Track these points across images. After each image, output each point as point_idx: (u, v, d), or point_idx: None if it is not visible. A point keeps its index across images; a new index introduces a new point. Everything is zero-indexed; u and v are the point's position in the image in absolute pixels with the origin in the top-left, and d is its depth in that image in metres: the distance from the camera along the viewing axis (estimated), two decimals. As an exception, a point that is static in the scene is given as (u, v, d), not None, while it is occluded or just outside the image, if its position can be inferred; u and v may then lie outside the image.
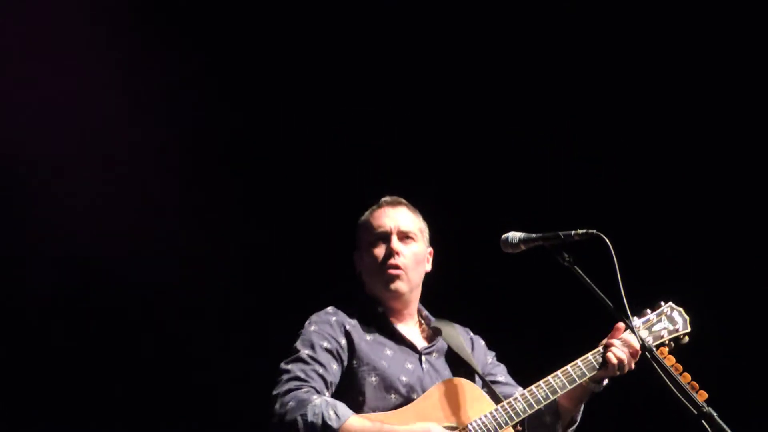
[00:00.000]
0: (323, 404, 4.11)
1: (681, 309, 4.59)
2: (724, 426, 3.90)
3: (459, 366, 4.49)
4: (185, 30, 6.49)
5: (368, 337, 4.38)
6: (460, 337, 4.56)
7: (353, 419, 4.12)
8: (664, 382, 3.98)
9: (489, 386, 4.44)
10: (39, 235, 6.27)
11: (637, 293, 4.05)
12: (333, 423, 4.08)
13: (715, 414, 3.92)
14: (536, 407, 4.33)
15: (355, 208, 4.69)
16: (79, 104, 6.26)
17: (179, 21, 6.49)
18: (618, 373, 4.40)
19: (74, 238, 6.24)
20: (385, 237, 4.50)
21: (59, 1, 6.23)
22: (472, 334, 4.64)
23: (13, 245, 6.27)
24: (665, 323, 4.55)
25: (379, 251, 4.49)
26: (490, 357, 4.62)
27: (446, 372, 4.45)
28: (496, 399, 4.38)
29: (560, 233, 4.17)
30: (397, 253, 4.46)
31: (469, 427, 4.27)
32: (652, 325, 4.54)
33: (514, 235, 4.28)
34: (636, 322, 4.49)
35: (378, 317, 4.45)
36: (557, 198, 6.65)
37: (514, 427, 4.33)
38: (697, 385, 4.04)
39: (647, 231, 6.51)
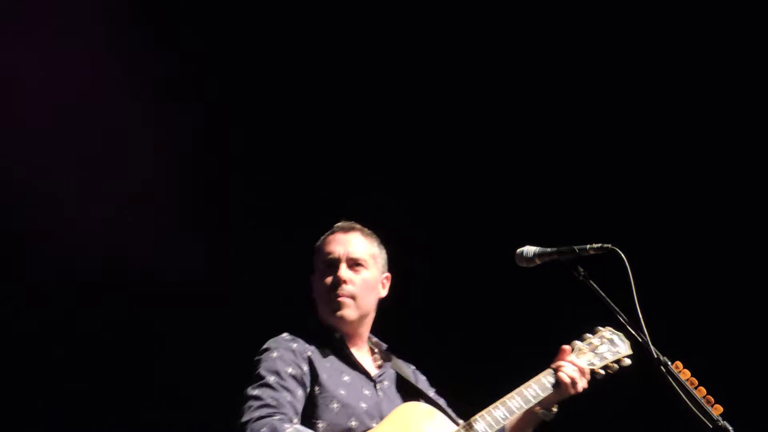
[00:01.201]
0: None
1: (620, 334, 4.62)
2: (740, 440, 3.94)
3: (409, 394, 4.48)
4: (186, 29, 6.48)
5: (327, 363, 4.33)
6: (404, 368, 4.56)
7: None
8: (679, 396, 3.98)
9: (443, 411, 4.42)
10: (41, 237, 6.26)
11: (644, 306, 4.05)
12: None
13: (730, 428, 3.94)
14: (496, 427, 4.30)
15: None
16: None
17: (183, 21, 6.47)
18: (571, 392, 4.42)
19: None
20: (335, 264, 4.45)
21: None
22: (413, 367, 4.62)
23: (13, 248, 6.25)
24: (608, 346, 4.59)
25: (328, 278, 4.43)
26: (432, 392, 4.59)
27: (398, 400, 4.43)
28: (454, 421, 4.37)
29: (575, 247, 4.17)
30: (345, 282, 4.41)
31: None
32: (596, 347, 4.58)
33: (529, 250, 4.27)
34: (579, 344, 4.54)
35: (335, 343, 4.39)
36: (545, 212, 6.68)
37: None
38: (713, 399, 4.03)
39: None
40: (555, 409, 4.48)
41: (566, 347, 4.47)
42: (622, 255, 4.03)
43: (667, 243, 6.62)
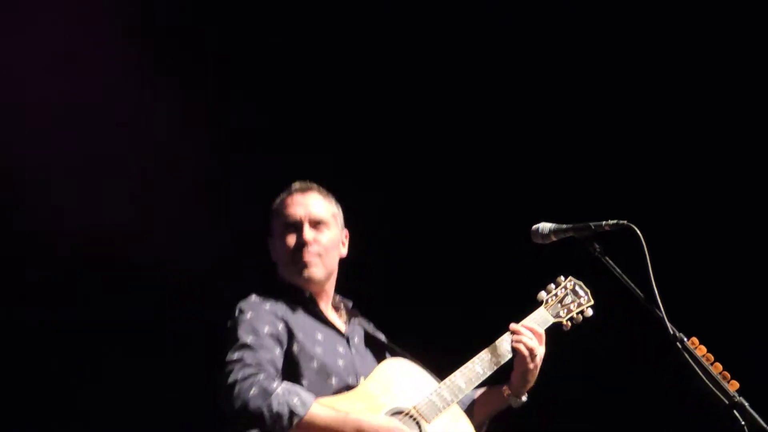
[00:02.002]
0: (285, 392, 4.00)
1: (581, 282, 4.67)
2: (756, 416, 3.93)
3: (378, 349, 4.49)
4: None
5: (300, 322, 4.30)
6: (366, 324, 4.57)
7: (316, 406, 4.04)
8: (695, 373, 3.99)
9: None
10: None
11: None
12: (299, 410, 3.99)
13: (746, 404, 3.94)
14: (475, 383, 4.36)
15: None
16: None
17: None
18: (529, 364, 4.42)
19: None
20: (297, 226, 4.43)
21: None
22: (373, 325, 4.62)
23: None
24: (572, 297, 4.63)
25: (291, 240, 4.41)
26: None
27: (369, 356, 4.44)
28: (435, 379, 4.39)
29: (591, 224, 4.17)
30: (310, 243, 4.40)
31: (419, 406, 4.25)
32: (562, 299, 4.61)
33: (545, 226, 4.28)
34: (544, 296, 4.59)
35: (305, 301, 4.36)
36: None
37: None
38: (729, 375, 4.01)
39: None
40: (524, 398, 4.51)
41: (514, 325, 4.48)
42: (638, 232, 4.03)
43: (682, 219, 6.60)
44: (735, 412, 3.92)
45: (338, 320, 4.47)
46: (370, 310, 4.64)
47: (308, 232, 4.40)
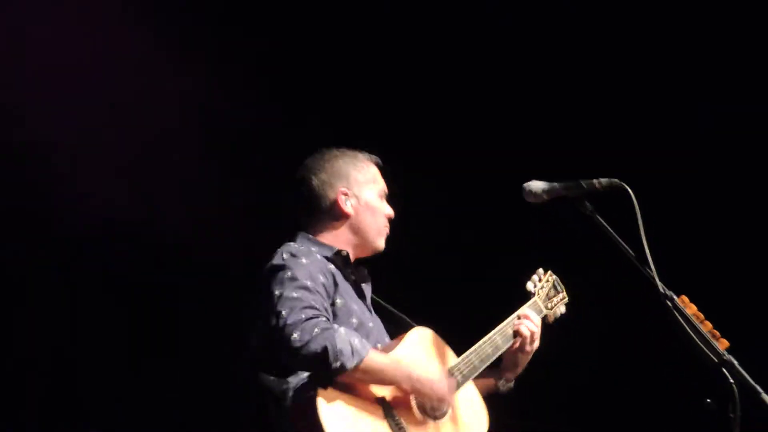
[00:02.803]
0: (345, 333, 3.96)
1: (557, 277, 4.78)
2: (745, 374, 3.93)
3: (383, 315, 4.49)
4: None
5: (341, 279, 4.27)
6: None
7: (373, 351, 4.04)
8: (685, 331, 3.99)
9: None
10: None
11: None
12: (361, 351, 3.95)
13: (736, 362, 3.94)
14: (486, 363, 4.41)
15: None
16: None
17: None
18: (527, 348, 4.50)
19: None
20: (385, 196, 4.48)
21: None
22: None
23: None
24: (554, 291, 4.74)
25: (389, 210, 4.47)
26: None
27: (377, 320, 4.42)
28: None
29: (582, 182, 4.16)
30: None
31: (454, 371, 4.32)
32: (547, 292, 4.70)
33: (537, 185, 4.25)
34: (532, 287, 4.66)
35: (339, 261, 4.31)
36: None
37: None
38: (718, 334, 4.02)
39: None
40: (512, 384, 4.57)
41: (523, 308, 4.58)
42: (630, 190, 4.03)
43: (674, 179, 6.64)
44: (724, 370, 3.92)
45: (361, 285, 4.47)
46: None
47: None
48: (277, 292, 4.01)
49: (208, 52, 6.44)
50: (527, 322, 4.53)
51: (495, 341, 4.47)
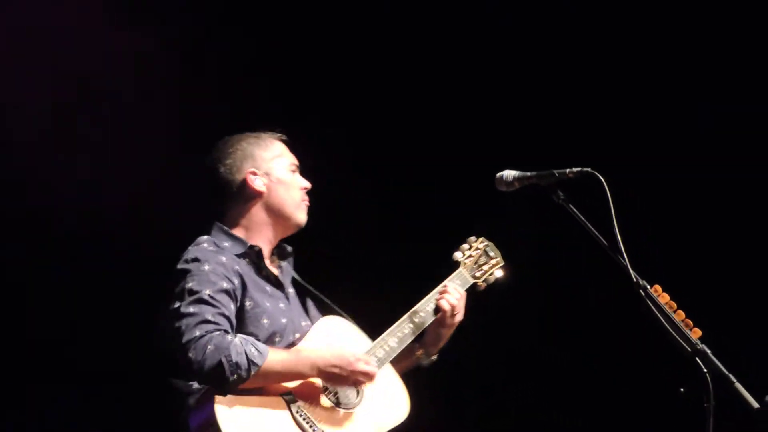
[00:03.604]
0: (242, 342, 3.95)
1: (492, 243, 4.76)
2: (718, 363, 3.93)
3: (306, 298, 4.44)
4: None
5: (252, 278, 4.23)
6: (290, 264, 4.50)
7: (272, 353, 4.01)
8: (658, 320, 3.98)
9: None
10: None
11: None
12: (257, 359, 3.93)
13: (709, 351, 3.94)
14: (404, 343, 4.38)
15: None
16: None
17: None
18: (448, 321, 4.50)
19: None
20: (297, 171, 4.43)
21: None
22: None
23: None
24: (485, 257, 4.71)
25: (302, 181, 4.41)
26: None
27: (298, 306, 4.38)
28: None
29: (555, 171, 4.14)
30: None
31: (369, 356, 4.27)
32: (477, 259, 4.68)
33: (509, 174, 4.25)
34: (460, 256, 4.65)
35: (253, 255, 4.27)
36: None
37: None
38: (691, 323, 4.01)
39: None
40: (435, 357, 4.56)
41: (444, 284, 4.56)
42: (602, 179, 4.02)
43: (646, 168, 6.63)
44: (698, 359, 3.91)
45: (276, 270, 4.39)
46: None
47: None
48: (175, 306, 4.01)
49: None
50: (448, 296, 4.49)
51: (414, 319, 4.44)
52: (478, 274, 4.69)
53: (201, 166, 4.41)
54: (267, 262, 4.32)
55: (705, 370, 3.88)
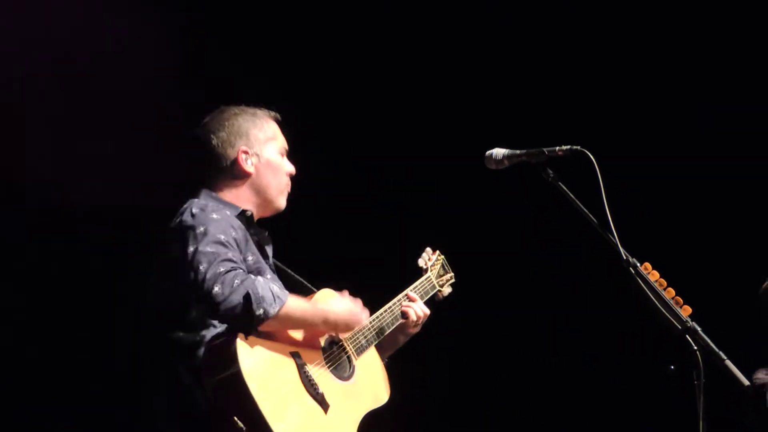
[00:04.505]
0: (265, 281, 3.94)
1: (444, 257, 4.84)
2: (708, 340, 3.93)
3: (285, 280, 4.40)
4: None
5: (247, 236, 4.19)
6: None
7: (292, 298, 4.00)
8: (648, 298, 3.98)
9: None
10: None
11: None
12: (282, 296, 3.93)
13: (699, 329, 3.94)
14: (375, 341, 4.40)
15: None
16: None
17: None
18: (410, 330, 4.55)
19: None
20: (285, 153, 4.41)
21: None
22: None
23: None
24: (442, 270, 4.79)
25: (289, 167, 4.39)
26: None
27: (277, 279, 4.33)
28: None
29: (544, 149, 4.14)
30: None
31: (352, 338, 4.31)
32: (437, 270, 4.74)
33: (498, 152, 4.24)
34: (423, 264, 4.71)
35: (246, 221, 4.23)
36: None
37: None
38: (681, 300, 4.01)
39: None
40: (386, 362, 4.53)
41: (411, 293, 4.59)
42: (591, 157, 4.01)
43: (636, 145, 6.67)
44: (688, 337, 3.91)
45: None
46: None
47: None
48: (191, 248, 3.93)
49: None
50: (416, 306, 4.55)
51: (384, 319, 4.46)
52: (438, 284, 4.76)
53: (191, 131, 4.37)
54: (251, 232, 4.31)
55: (695, 348, 3.88)
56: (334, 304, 4.17)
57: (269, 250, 4.36)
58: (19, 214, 6.23)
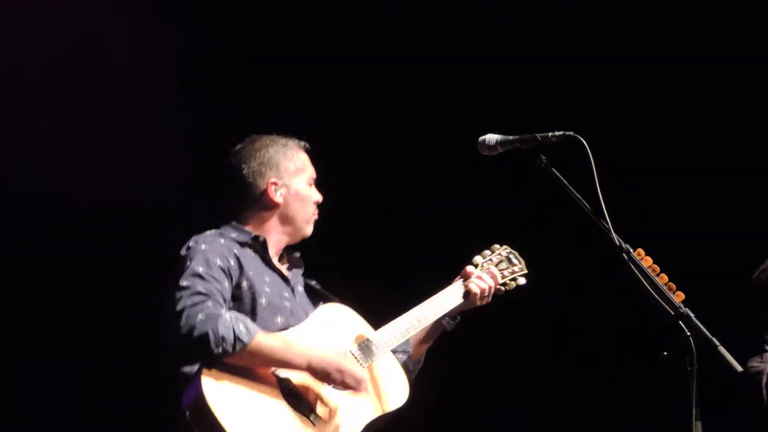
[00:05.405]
0: (233, 318, 4.01)
1: (516, 252, 4.79)
2: (701, 326, 3.93)
3: (319, 298, 4.49)
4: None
5: (252, 261, 4.31)
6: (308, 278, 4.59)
7: (261, 335, 4.05)
8: (641, 284, 3.97)
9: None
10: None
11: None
12: (244, 337, 3.99)
13: (692, 314, 3.93)
14: (401, 337, 4.41)
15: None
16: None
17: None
18: (478, 303, 4.58)
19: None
20: (313, 183, 4.51)
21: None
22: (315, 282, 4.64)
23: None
24: (506, 263, 4.74)
25: (318, 197, 4.49)
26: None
27: (309, 304, 4.44)
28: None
29: (537, 135, 4.13)
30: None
31: (354, 351, 4.30)
32: (496, 264, 4.70)
33: (492, 138, 4.23)
34: (479, 260, 4.67)
35: (256, 246, 4.36)
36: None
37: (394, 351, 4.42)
38: (674, 286, 4.01)
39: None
40: (458, 318, 4.59)
41: (470, 267, 4.62)
42: (584, 143, 4.00)
43: (629, 130, 6.68)
44: (680, 322, 3.90)
45: (284, 268, 4.48)
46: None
47: None
48: (173, 284, 4.12)
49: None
50: (480, 281, 4.58)
51: (425, 310, 4.48)
52: (499, 277, 4.71)
53: (221, 161, 4.50)
54: (274, 259, 4.41)
55: (688, 334, 3.86)
56: (312, 348, 4.17)
57: (298, 272, 4.48)
58: (26, 211, 6.28)
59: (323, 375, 4.15)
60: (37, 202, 6.26)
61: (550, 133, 4.11)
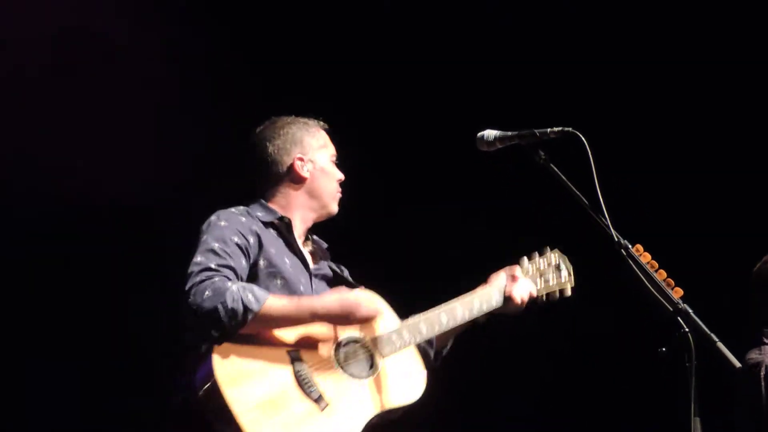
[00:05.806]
0: (240, 289, 3.98)
1: (566, 258, 4.72)
2: (700, 322, 3.92)
3: (339, 277, 4.48)
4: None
5: (273, 240, 4.29)
6: (336, 268, 4.54)
7: (271, 299, 4.02)
8: (639, 280, 3.97)
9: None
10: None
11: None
12: (253, 306, 3.96)
13: (690, 310, 3.93)
14: (437, 331, 4.36)
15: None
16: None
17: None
18: (514, 312, 4.55)
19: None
20: (335, 160, 4.53)
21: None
22: (346, 271, 4.60)
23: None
24: (553, 272, 4.68)
25: (340, 176, 4.51)
26: None
27: (325, 286, 4.40)
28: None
29: (536, 131, 4.14)
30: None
31: (377, 339, 4.23)
32: (543, 272, 4.65)
33: (490, 133, 4.24)
34: (527, 265, 4.63)
35: (281, 227, 4.35)
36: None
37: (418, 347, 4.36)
38: (673, 282, 4.01)
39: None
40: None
41: (517, 271, 4.56)
42: (583, 138, 4.01)
43: (628, 127, 6.67)
44: (679, 318, 3.90)
45: (308, 254, 4.45)
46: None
47: None
48: (190, 258, 4.10)
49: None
50: (521, 288, 4.54)
51: (459, 308, 4.42)
52: (539, 287, 4.65)
53: (245, 141, 4.50)
54: (299, 240, 4.40)
55: (687, 330, 3.86)
56: (323, 297, 4.17)
57: (323, 264, 4.45)
58: (26, 211, 6.28)
59: (341, 316, 4.11)
60: (37, 202, 6.25)
61: (549, 129, 4.13)
